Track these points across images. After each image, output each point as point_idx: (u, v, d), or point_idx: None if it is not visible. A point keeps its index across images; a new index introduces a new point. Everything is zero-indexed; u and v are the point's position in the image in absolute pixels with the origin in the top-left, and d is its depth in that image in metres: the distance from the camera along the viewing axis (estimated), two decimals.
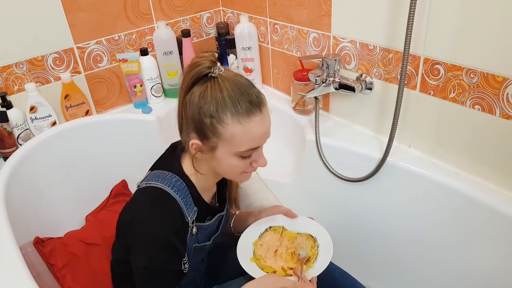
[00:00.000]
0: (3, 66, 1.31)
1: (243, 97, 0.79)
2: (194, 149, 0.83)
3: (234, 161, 0.83)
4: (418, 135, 1.17)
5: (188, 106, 0.80)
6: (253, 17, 1.59)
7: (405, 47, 0.99)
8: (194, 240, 0.90)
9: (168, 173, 0.86)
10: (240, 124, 0.78)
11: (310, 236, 1.00)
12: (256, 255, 0.97)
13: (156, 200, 0.84)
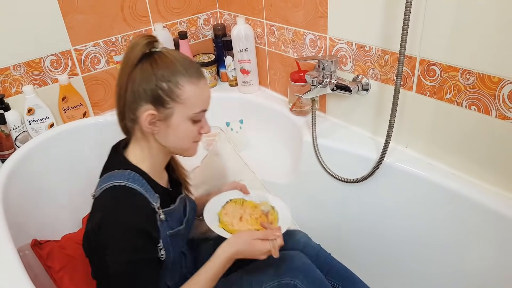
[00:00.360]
0: (1, 68, 1.31)
1: (191, 64, 0.87)
2: (149, 121, 0.85)
3: (188, 126, 0.88)
4: (414, 136, 1.17)
5: (140, 79, 0.84)
6: (249, 19, 1.59)
7: (401, 48, 1.00)
8: (166, 227, 0.91)
9: (118, 170, 0.88)
10: (194, 85, 0.86)
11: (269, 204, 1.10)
12: (222, 222, 1.04)
13: (118, 195, 0.85)
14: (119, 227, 0.81)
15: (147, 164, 0.91)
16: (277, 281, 0.97)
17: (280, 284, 0.97)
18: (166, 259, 0.90)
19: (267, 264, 1.00)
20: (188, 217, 1.01)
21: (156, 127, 0.87)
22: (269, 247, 0.92)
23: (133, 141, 0.93)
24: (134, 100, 0.85)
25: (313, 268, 1.02)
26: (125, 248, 0.81)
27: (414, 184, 1.15)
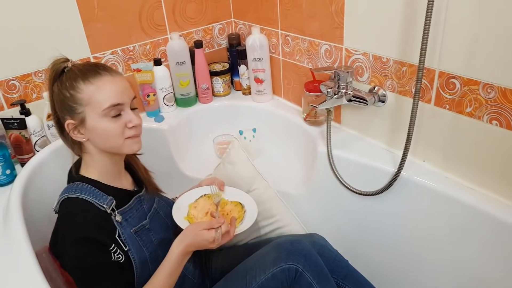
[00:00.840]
0: (23, 74, 1.34)
1: (91, 67, 0.93)
2: (71, 129, 0.93)
3: (106, 124, 0.92)
4: (432, 149, 1.17)
5: (55, 96, 0.93)
6: (264, 29, 1.61)
7: (420, 61, 1.00)
8: (128, 225, 0.96)
9: (68, 185, 0.97)
10: (91, 84, 0.90)
11: (239, 203, 1.14)
12: (189, 214, 1.09)
13: (66, 208, 0.92)
14: (69, 240, 0.87)
15: (95, 172, 0.97)
16: (279, 266, 0.99)
17: (283, 269, 0.99)
18: (135, 258, 0.95)
19: (270, 251, 1.04)
20: (154, 212, 1.06)
21: (81, 134, 0.94)
22: (213, 235, 0.96)
23: (82, 156, 0.99)
24: (58, 117, 0.95)
25: (314, 253, 1.05)
26: (74, 256, 0.87)
27: (431, 198, 1.14)
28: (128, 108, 0.95)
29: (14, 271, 0.91)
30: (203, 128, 1.70)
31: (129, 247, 0.94)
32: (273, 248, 1.05)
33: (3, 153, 1.20)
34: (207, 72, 1.68)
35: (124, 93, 0.94)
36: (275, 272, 0.99)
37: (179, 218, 1.06)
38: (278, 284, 0.99)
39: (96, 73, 0.92)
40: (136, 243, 0.96)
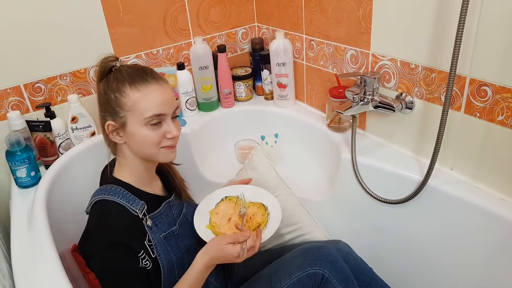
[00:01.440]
0: (48, 77, 1.35)
1: (139, 72, 0.92)
2: (111, 131, 0.93)
3: (146, 132, 0.91)
4: (461, 157, 1.13)
5: (99, 96, 0.94)
6: (288, 33, 1.59)
7: (452, 68, 0.97)
8: (157, 231, 0.96)
9: (102, 186, 0.96)
10: (138, 91, 0.89)
11: (262, 205, 1.09)
12: (211, 222, 1.05)
13: (99, 210, 0.92)
14: (98, 241, 0.89)
15: (128, 175, 0.98)
16: (305, 271, 0.99)
17: (309, 274, 0.98)
18: (163, 263, 0.95)
19: (295, 256, 1.04)
20: (183, 218, 1.06)
21: (120, 136, 0.94)
22: (239, 250, 0.93)
23: (116, 157, 1.00)
24: (101, 116, 0.95)
25: (341, 260, 1.04)
26: (104, 261, 0.88)
27: (459, 208, 1.10)
28: (169, 118, 0.94)
29: (38, 272, 0.91)
30: (224, 133, 1.70)
31: (158, 252, 0.94)
32: (300, 253, 1.04)
33: (28, 155, 1.21)
34: (230, 77, 1.67)
35: (167, 104, 0.92)
36: (300, 276, 0.98)
37: (201, 227, 1.03)
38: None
39: (144, 80, 0.91)
40: (164, 248, 0.96)
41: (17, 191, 1.23)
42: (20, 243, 1.02)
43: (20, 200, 1.19)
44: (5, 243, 1.17)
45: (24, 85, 1.32)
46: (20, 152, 1.20)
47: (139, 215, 0.93)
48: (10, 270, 0.97)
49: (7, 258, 1.05)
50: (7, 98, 1.30)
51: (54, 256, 0.94)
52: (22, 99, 1.33)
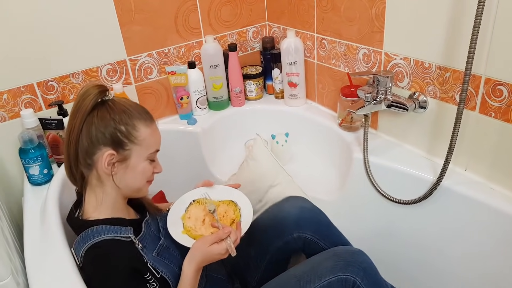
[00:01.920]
0: (61, 76, 1.36)
1: (141, 109, 0.94)
2: (108, 162, 0.89)
3: (145, 166, 0.94)
4: (475, 158, 1.12)
5: (98, 125, 0.88)
6: (299, 32, 1.59)
7: (467, 67, 0.95)
8: (149, 251, 0.95)
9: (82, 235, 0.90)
10: (148, 128, 0.92)
11: (231, 202, 1.09)
12: (186, 227, 1.03)
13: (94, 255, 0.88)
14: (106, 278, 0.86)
15: (106, 208, 0.94)
16: (336, 275, 0.96)
17: (340, 279, 0.96)
18: (169, 276, 0.94)
19: (326, 258, 1.02)
20: (163, 231, 1.04)
21: (115, 168, 0.91)
22: (225, 247, 0.94)
23: (88, 191, 0.95)
24: (92, 145, 0.89)
25: (375, 269, 1.01)
26: None
27: (474, 209, 1.09)
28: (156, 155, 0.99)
29: (50, 268, 0.92)
30: (235, 132, 1.70)
31: (160, 269, 0.94)
32: (331, 256, 1.02)
33: (41, 153, 1.22)
34: (241, 76, 1.67)
35: (161, 140, 0.98)
36: (331, 280, 0.96)
37: (177, 234, 1.01)
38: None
39: (150, 117, 0.95)
40: (162, 263, 0.96)
41: (29, 189, 1.24)
42: (33, 240, 1.02)
43: (32, 198, 1.20)
44: (18, 239, 1.18)
45: (37, 83, 1.33)
46: (33, 150, 1.21)
47: (132, 239, 0.92)
48: (23, 267, 0.98)
49: (20, 254, 1.06)
50: (21, 96, 1.31)
51: (66, 253, 0.95)
52: (35, 97, 1.34)
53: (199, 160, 1.55)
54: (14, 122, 1.32)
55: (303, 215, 1.13)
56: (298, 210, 1.14)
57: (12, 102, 1.30)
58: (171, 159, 1.52)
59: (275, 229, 1.13)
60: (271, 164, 1.33)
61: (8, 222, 1.15)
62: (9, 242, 1.01)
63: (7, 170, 1.36)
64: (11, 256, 0.93)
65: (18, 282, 0.89)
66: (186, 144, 1.55)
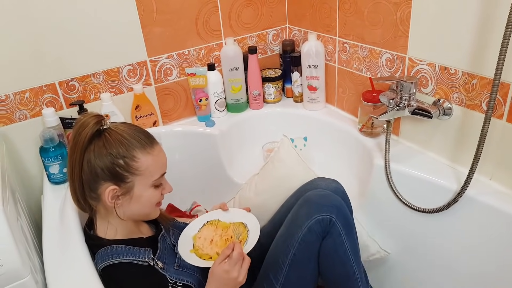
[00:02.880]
0: (82, 75, 1.37)
1: (140, 134, 0.91)
2: (111, 197, 0.88)
3: (151, 192, 0.92)
4: (501, 167, 1.08)
5: (94, 161, 0.86)
6: (320, 35, 1.57)
7: (496, 74, 0.93)
8: (170, 266, 0.96)
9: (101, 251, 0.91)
10: (149, 155, 0.89)
11: (241, 224, 1.10)
12: (195, 246, 1.05)
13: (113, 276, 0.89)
14: None
15: (121, 232, 0.95)
16: (313, 218, 1.01)
17: (317, 220, 1.01)
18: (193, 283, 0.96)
19: (300, 207, 1.07)
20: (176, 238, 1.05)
21: (119, 200, 0.90)
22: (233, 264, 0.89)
23: (98, 219, 0.96)
24: (93, 180, 0.88)
25: (344, 205, 1.07)
26: None
27: (498, 220, 1.05)
28: (164, 175, 0.96)
29: (69, 267, 0.92)
30: (253, 135, 1.69)
31: (184, 279, 0.94)
32: (303, 204, 1.07)
33: (61, 152, 1.23)
34: (260, 78, 1.66)
35: (166, 162, 0.96)
36: (310, 225, 1.01)
37: (185, 252, 1.03)
38: (315, 236, 1.01)
39: (151, 141, 0.92)
40: (185, 273, 0.97)
41: (49, 187, 1.25)
42: (52, 239, 1.03)
43: (52, 196, 1.21)
44: (37, 238, 1.18)
45: (59, 82, 1.34)
46: (53, 149, 1.21)
47: (150, 263, 0.92)
48: (42, 265, 0.98)
49: (38, 253, 1.07)
50: (42, 95, 1.33)
51: (85, 253, 0.95)
52: (56, 96, 1.35)
53: (216, 162, 1.54)
54: (35, 120, 1.34)
55: (337, 194, 1.14)
56: (333, 189, 1.16)
57: (34, 101, 1.32)
58: (188, 161, 1.52)
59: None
60: (300, 167, 1.32)
61: (27, 220, 1.16)
62: (28, 240, 1.02)
63: (27, 168, 1.37)
64: (30, 255, 0.94)
65: (36, 280, 0.89)
66: (204, 146, 1.54)
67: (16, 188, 1.22)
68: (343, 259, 1.04)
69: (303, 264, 1.02)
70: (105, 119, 0.90)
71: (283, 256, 1.03)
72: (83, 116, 0.89)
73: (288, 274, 1.01)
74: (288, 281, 1.02)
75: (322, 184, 1.18)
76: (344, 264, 1.04)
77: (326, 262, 1.04)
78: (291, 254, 1.02)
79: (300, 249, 1.01)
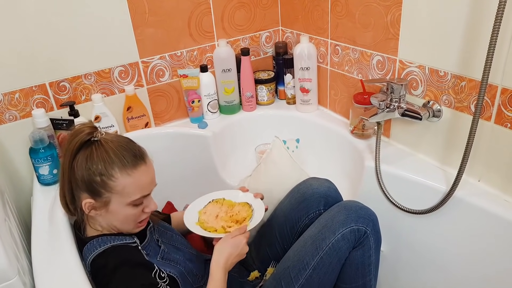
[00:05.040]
0: (73, 76, 1.37)
1: (126, 152, 0.89)
2: (88, 207, 0.90)
3: (128, 211, 0.91)
4: (489, 169, 1.09)
5: (76, 170, 0.88)
6: (313, 38, 1.58)
7: (484, 76, 0.93)
8: (153, 258, 0.97)
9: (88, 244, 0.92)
10: (128, 176, 0.88)
11: (246, 203, 1.17)
12: (200, 220, 1.12)
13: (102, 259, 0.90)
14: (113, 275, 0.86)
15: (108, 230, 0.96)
16: (349, 227, 1.02)
17: (352, 229, 1.02)
18: (176, 274, 0.96)
19: (337, 213, 1.06)
20: (163, 235, 1.07)
21: (98, 211, 0.91)
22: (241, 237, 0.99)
23: (90, 222, 0.96)
24: (75, 188, 0.91)
25: (378, 222, 1.07)
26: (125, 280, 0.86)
27: (487, 221, 1.06)
28: (150, 195, 0.96)
29: (57, 269, 0.92)
30: (245, 137, 1.69)
31: (165, 269, 0.95)
32: (342, 209, 1.06)
33: (51, 153, 1.23)
34: (252, 80, 1.67)
35: (152, 183, 0.95)
36: (344, 232, 1.01)
37: (191, 224, 1.09)
38: (347, 244, 1.01)
39: (134, 161, 0.90)
40: (168, 265, 0.97)
41: (39, 188, 1.25)
42: (41, 240, 1.02)
43: (41, 197, 1.20)
44: (26, 239, 1.18)
45: (50, 83, 1.34)
46: (43, 150, 1.21)
47: (138, 244, 0.94)
48: (30, 267, 0.97)
49: (27, 254, 1.06)
50: (33, 96, 1.32)
51: (74, 254, 0.94)
52: (47, 97, 1.35)
53: (209, 164, 1.54)
54: (25, 121, 1.33)
55: (330, 193, 1.16)
56: (325, 188, 1.17)
57: (24, 102, 1.31)
58: (181, 163, 1.52)
59: (305, 205, 1.15)
60: (293, 168, 1.32)
61: (16, 222, 1.16)
62: (17, 241, 1.01)
63: (17, 169, 1.36)
64: (18, 256, 0.93)
65: (24, 282, 0.89)
66: (197, 147, 1.54)
67: (5, 189, 1.21)
68: (366, 271, 1.05)
69: (327, 269, 1.01)
70: (98, 131, 0.91)
71: (309, 257, 1.02)
72: (82, 124, 0.92)
73: (311, 275, 1.01)
74: (309, 283, 1.01)
75: (315, 183, 1.19)
76: (364, 276, 1.05)
77: (350, 271, 1.04)
78: (318, 257, 1.01)
79: (329, 253, 1.01)
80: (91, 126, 0.91)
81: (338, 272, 1.04)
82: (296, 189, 1.22)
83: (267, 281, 1.09)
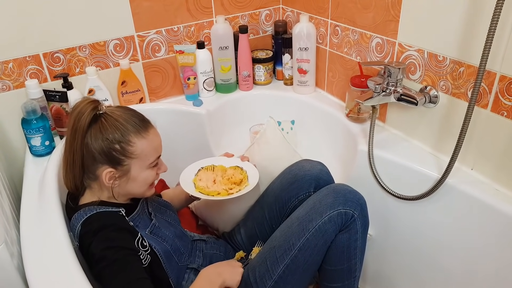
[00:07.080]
0: (68, 48, 1.35)
1: (135, 118, 0.94)
2: (109, 178, 0.93)
3: (148, 173, 0.97)
4: (483, 157, 1.09)
5: (92, 144, 0.91)
6: (313, 17, 1.55)
7: (481, 62, 0.92)
8: (141, 229, 0.97)
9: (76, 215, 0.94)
10: (144, 139, 0.93)
11: (237, 167, 1.21)
12: (198, 187, 1.14)
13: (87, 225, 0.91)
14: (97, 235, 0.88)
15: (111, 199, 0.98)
16: (336, 210, 1.01)
17: (340, 212, 1.01)
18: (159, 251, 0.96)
19: (326, 195, 1.06)
20: (156, 210, 1.08)
21: (117, 181, 0.94)
22: None
23: (88, 193, 0.98)
24: (92, 163, 0.92)
25: (367, 207, 1.07)
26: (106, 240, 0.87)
27: (477, 209, 1.06)
28: (160, 156, 1.01)
29: (45, 239, 0.92)
30: (240, 116, 1.67)
31: (151, 244, 0.96)
32: (330, 193, 1.06)
33: (44, 124, 1.22)
34: (250, 59, 1.64)
35: (161, 143, 1.00)
36: (332, 215, 1.01)
37: (193, 191, 1.11)
38: (334, 227, 1.01)
39: (146, 125, 0.95)
40: (155, 240, 0.98)
41: (31, 159, 1.24)
42: (30, 211, 1.02)
43: (33, 168, 1.20)
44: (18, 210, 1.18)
45: (44, 54, 1.32)
46: (35, 121, 1.20)
47: (123, 214, 0.96)
48: (19, 236, 0.98)
49: (17, 224, 1.06)
50: (26, 66, 1.30)
51: (61, 225, 0.95)
52: (40, 68, 1.33)
53: (203, 142, 1.54)
54: (18, 92, 1.32)
55: (322, 176, 1.16)
56: (318, 171, 1.17)
57: (17, 72, 1.30)
58: (174, 140, 1.51)
59: (296, 187, 1.16)
60: (286, 148, 1.31)
61: (7, 192, 1.16)
62: (6, 212, 1.01)
63: (10, 140, 1.36)
64: (7, 226, 0.93)
65: (12, 252, 0.89)
66: (191, 125, 1.53)
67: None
68: (351, 255, 1.05)
69: (313, 251, 1.01)
70: (101, 104, 0.94)
71: (295, 238, 1.02)
72: (80, 102, 0.93)
73: (297, 256, 1.01)
74: (294, 263, 1.01)
75: (307, 165, 1.18)
76: (350, 259, 1.06)
77: (335, 254, 1.04)
78: (304, 238, 1.01)
79: (316, 235, 1.01)
80: (92, 101, 0.92)
81: (324, 254, 1.04)
82: (288, 170, 1.21)
83: (253, 260, 1.09)
